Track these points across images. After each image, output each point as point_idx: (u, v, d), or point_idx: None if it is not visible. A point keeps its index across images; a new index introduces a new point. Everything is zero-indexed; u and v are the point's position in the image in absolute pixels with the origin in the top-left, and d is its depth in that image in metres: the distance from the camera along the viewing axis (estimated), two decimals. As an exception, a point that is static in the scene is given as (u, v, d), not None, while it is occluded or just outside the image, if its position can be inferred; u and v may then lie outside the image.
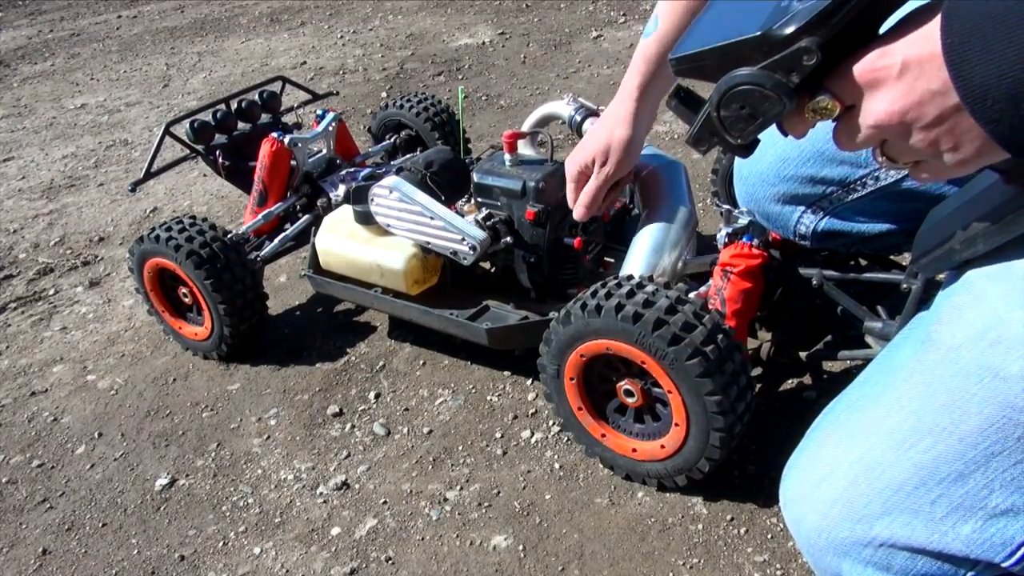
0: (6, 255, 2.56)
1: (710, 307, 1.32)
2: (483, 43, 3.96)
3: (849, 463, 0.70)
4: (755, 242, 1.36)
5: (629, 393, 1.27)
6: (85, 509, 1.50)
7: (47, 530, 1.46)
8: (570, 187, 1.33)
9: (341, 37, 4.46)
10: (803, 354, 1.39)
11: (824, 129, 0.61)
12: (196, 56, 4.57)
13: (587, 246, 1.50)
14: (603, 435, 1.32)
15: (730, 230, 1.40)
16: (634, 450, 1.29)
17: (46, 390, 1.87)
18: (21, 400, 1.85)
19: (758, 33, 0.54)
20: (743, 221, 1.39)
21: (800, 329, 1.43)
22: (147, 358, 1.92)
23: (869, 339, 1.27)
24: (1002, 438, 0.60)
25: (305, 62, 4.11)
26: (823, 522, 0.71)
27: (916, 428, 0.65)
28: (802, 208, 1.24)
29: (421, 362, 1.74)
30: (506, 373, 1.66)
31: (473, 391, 1.63)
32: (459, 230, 1.47)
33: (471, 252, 1.47)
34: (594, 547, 1.26)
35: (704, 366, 1.12)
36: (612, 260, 1.62)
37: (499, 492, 1.39)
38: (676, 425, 1.20)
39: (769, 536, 1.23)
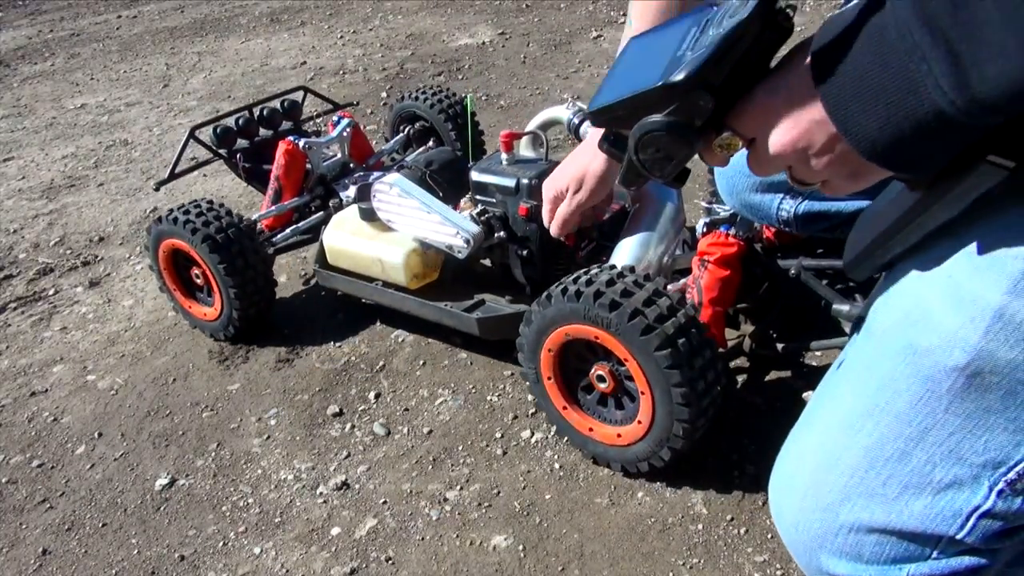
0: (6, 255, 2.56)
1: (688, 296, 1.38)
2: (483, 43, 3.96)
3: (810, 454, 0.74)
4: (732, 231, 1.40)
5: (602, 379, 1.31)
6: (85, 509, 1.50)
7: (47, 530, 1.46)
8: (546, 207, 1.39)
9: (341, 37, 4.47)
10: (781, 346, 1.44)
11: None
12: (196, 56, 4.57)
13: (580, 243, 1.54)
14: (591, 429, 1.35)
15: (708, 220, 1.46)
16: (619, 435, 1.32)
17: (46, 390, 1.87)
18: (21, 400, 1.85)
19: (658, 84, 0.59)
20: (722, 213, 1.44)
21: (785, 322, 1.48)
22: (147, 358, 1.92)
23: (843, 325, 1.31)
24: (931, 411, 0.64)
25: (305, 62, 4.11)
26: (797, 516, 0.74)
27: (860, 412, 0.69)
28: (780, 195, 1.31)
29: (421, 362, 1.74)
30: (506, 373, 1.66)
31: (473, 391, 1.63)
32: (454, 224, 1.52)
33: (465, 246, 1.53)
34: (594, 547, 1.26)
35: (672, 358, 1.16)
36: (606, 258, 1.64)
37: (499, 492, 1.39)
38: (643, 394, 1.24)
39: (769, 536, 1.23)
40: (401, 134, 2.24)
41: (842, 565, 0.71)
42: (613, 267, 1.28)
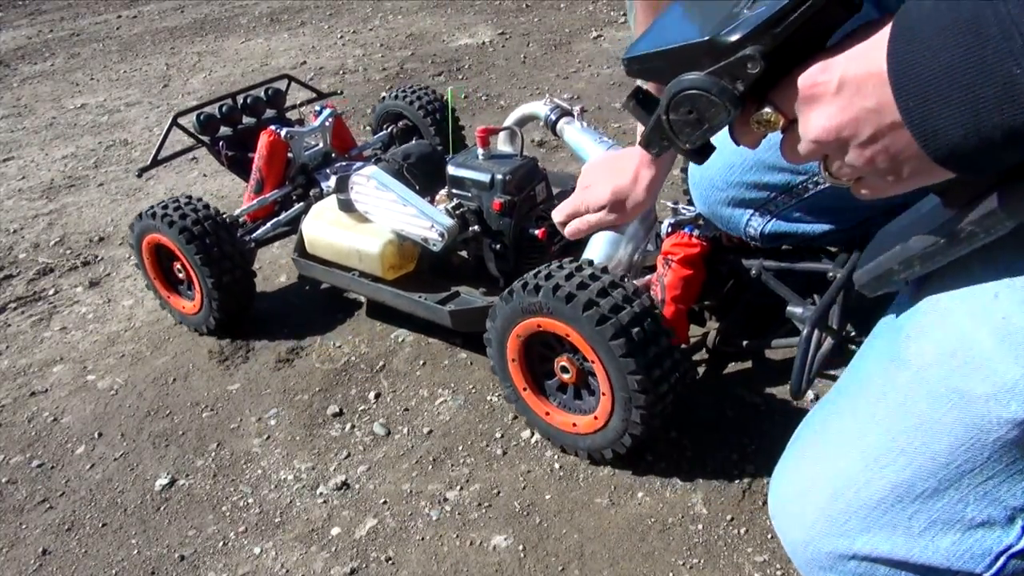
0: (6, 255, 2.56)
1: (653, 293, 1.41)
2: (483, 43, 3.96)
3: (827, 479, 0.70)
4: (696, 233, 1.44)
5: (565, 369, 1.34)
6: (85, 509, 1.50)
7: (47, 530, 1.46)
8: (568, 208, 1.30)
9: (341, 37, 4.47)
10: (745, 343, 1.47)
11: (765, 139, 0.61)
12: (196, 56, 4.57)
13: (552, 237, 1.56)
14: (547, 413, 1.39)
15: (673, 221, 1.48)
16: (574, 424, 1.36)
17: (46, 390, 1.87)
18: (21, 400, 1.85)
19: (705, 39, 0.55)
20: (687, 214, 1.47)
21: (748, 320, 1.52)
22: (147, 358, 1.92)
23: (797, 325, 1.33)
24: (972, 457, 0.61)
25: (305, 62, 4.11)
26: (806, 535, 0.71)
27: (890, 447, 0.65)
28: (750, 212, 1.32)
29: (421, 362, 1.74)
30: (506, 373, 1.66)
31: (473, 391, 1.63)
32: (429, 218, 1.55)
33: (440, 239, 1.55)
34: (594, 547, 1.26)
35: (627, 346, 1.19)
36: (573, 252, 1.66)
37: (499, 492, 1.39)
38: (603, 395, 1.28)
39: (769, 536, 1.23)
40: (384, 132, 2.27)
41: None
42: (574, 261, 1.31)
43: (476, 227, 1.57)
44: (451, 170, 1.58)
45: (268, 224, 1.96)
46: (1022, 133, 0.44)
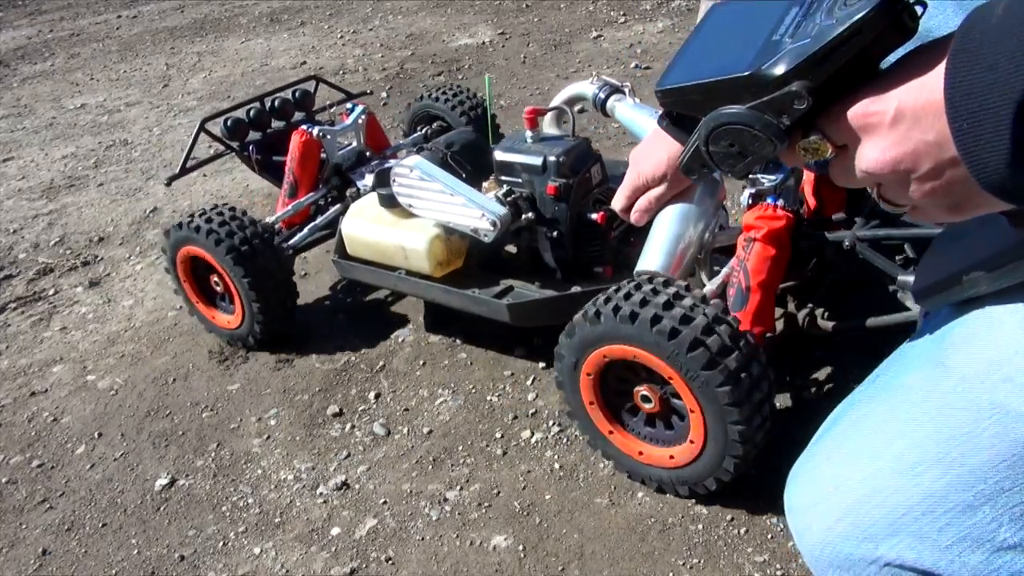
0: (6, 255, 2.56)
1: (733, 280, 1.27)
2: (483, 43, 3.96)
3: (857, 481, 0.69)
4: (780, 203, 1.28)
5: (646, 399, 1.25)
6: (85, 509, 1.50)
7: (47, 530, 1.46)
8: (626, 191, 1.26)
9: (341, 37, 4.47)
10: (832, 325, 1.32)
11: None
12: (196, 56, 4.57)
13: (611, 222, 1.47)
14: (610, 432, 1.31)
15: (753, 191, 1.32)
16: (640, 453, 1.28)
17: (46, 390, 1.87)
18: (21, 400, 1.85)
19: (747, 73, 0.51)
20: (766, 183, 1.31)
21: (836, 301, 1.37)
22: (147, 358, 1.92)
23: (905, 299, 1.22)
24: (1012, 474, 0.59)
25: (305, 62, 4.11)
26: (827, 536, 0.70)
27: (925, 456, 0.64)
28: None
29: (421, 362, 1.74)
30: (506, 373, 1.66)
31: (473, 391, 1.63)
32: (479, 206, 1.45)
33: (492, 228, 1.45)
34: (594, 547, 1.26)
35: (734, 394, 1.10)
36: (636, 237, 1.55)
37: (499, 492, 1.39)
38: (691, 442, 1.19)
39: (769, 536, 1.23)
40: (418, 133, 2.20)
41: None
42: (668, 282, 1.21)
43: (529, 214, 1.47)
44: (499, 155, 1.48)
45: (305, 230, 1.89)
46: None
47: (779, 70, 0.50)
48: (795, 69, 0.49)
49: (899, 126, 0.49)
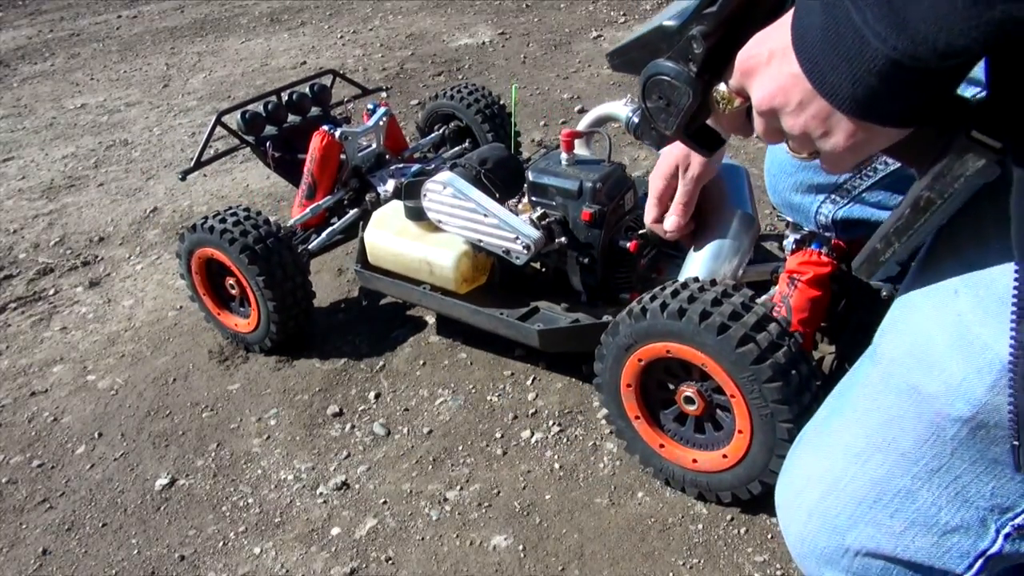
0: (6, 255, 2.56)
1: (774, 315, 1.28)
2: (483, 43, 3.96)
3: (819, 476, 0.72)
4: (824, 250, 1.32)
5: (689, 400, 1.23)
6: (85, 509, 1.50)
7: (47, 530, 1.46)
8: (651, 202, 1.29)
9: (341, 37, 4.46)
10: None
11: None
12: (196, 56, 4.57)
13: (642, 249, 1.46)
14: (662, 445, 1.28)
15: (798, 236, 1.36)
16: (695, 461, 1.25)
17: (46, 390, 1.87)
18: (21, 400, 1.85)
19: (656, 25, 0.60)
20: (807, 230, 1.35)
21: (862, 341, 1.41)
22: (147, 358, 1.92)
23: None
24: (938, 453, 0.61)
25: (305, 62, 4.11)
26: (804, 531, 0.73)
27: (869, 443, 0.66)
28: (821, 197, 1.26)
29: (421, 362, 1.74)
30: (506, 373, 1.66)
31: (473, 391, 1.63)
32: (513, 229, 1.44)
33: (525, 252, 1.44)
34: (594, 547, 1.26)
35: (783, 392, 1.09)
36: (664, 266, 1.57)
37: (499, 492, 1.39)
38: (739, 432, 1.16)
39: (769, 536, 1.23)
40: (435, 133, 2.17)
41: None
42: (714, 283, 1.20)
43: (562, 239, 1.45)
44: (532, 177, 1.46)
45: (324, 234, 1.86)
46: (887, 73, 0.46)
47: (675, 21, 0.58)
48: (690, 18, 0.58)
49: (772, 64, 0.54)
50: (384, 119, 1.96)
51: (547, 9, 4.37)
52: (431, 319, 1.87)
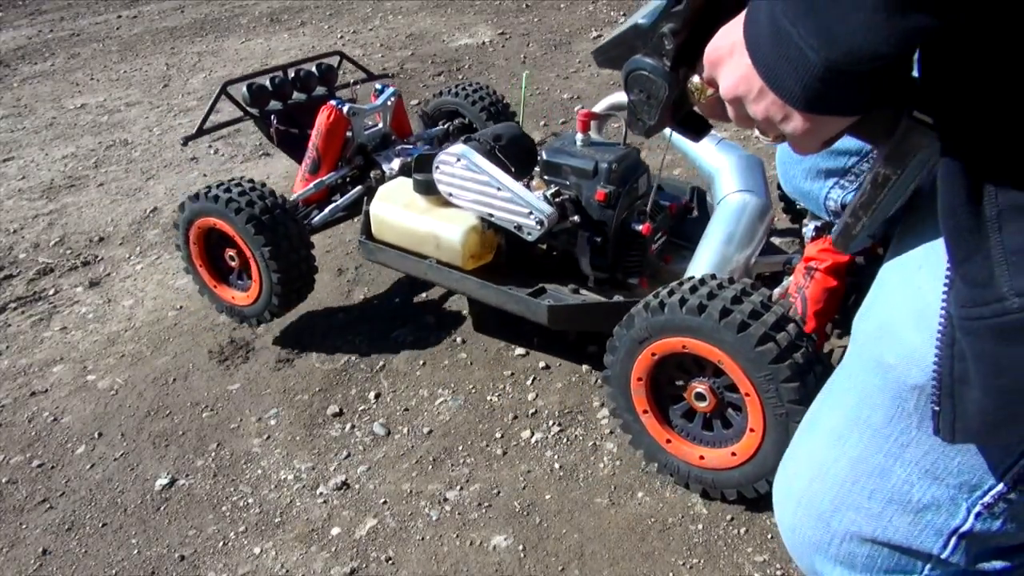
0: (6, 255, 2.56)
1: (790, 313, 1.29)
2: (483, 43, 3.96)
3: (806, 463, 0.73)
4: None
5: (701, 397, 1.22)
6: (85, 509, 1.50)
7: (47, 530, 1.46)
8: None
9: (341, 37, 4.46)
10: None
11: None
12: (196, 56, 4.57)
13: (654, 234, 1.46)
14: (668, 440, 1.28)
15: (818, 224, 1.34)
16: (702, 457, 1.25)
17: (46, 390, 1.87)
18: (21, 400, 1.85)
19: (631, 24, 0.64)
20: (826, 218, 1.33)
21: None
22: (147, 358, 1.92)
23: None
24: (905, 427, 0.63)
25: (305, 62, 4.11)
26: (794, 521, 0.74)
27: (845, 424, 0.68)
28: (830, 183, 1.26)
29: (421, 362, 1.74)
30: (506, 373, 1.66)
31: (473, 391, 1.63)
32: (527, 203, 1.43)
33: (538, 227, 1.43)
34: (594, 547, 1.26)
35: (800, 391, 1.08)
36: (672, 255, 1.58)
37: (499, 492, 1.39)
38: (751, 431, 1.16)
39: (769, 536, 1.23)
40: (440, 127, 2.17)
41: (837, 571, 0.71)
42: (732, 280, 1.20)
43: (575, 218, 1.45)
44: (547, 156, 1.45)
45: (327, 210, 1.84)
46: (828, 75, 0.49)
47: (649, 20, 0.62)
48: (660, 16, 0.61)
49: (734, 56, 0.57)
50: (392, 99, 1.95)
51: (547, 9, 4.37)
52: (432, 319, 1.87)
